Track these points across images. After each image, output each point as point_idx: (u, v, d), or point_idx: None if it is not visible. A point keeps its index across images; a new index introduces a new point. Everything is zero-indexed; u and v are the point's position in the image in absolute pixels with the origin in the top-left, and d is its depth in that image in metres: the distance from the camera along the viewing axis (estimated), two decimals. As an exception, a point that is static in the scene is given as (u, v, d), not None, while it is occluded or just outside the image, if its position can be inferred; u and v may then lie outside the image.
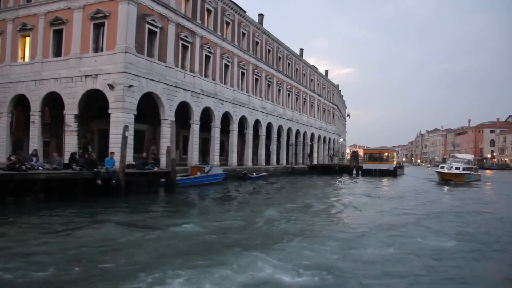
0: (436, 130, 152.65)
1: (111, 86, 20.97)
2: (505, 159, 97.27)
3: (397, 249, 7.91)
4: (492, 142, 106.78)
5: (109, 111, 21.16)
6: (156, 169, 17.66)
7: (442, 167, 33.56)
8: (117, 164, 19.41)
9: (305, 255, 7.31)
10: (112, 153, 15.62)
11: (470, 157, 39.22)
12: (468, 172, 32.40)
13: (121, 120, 20.78)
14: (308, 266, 6.58)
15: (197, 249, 7.75)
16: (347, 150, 79.40)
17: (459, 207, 15.33)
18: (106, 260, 6.76)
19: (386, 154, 44.87)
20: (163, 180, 18.10)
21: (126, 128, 15.71)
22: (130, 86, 21.14)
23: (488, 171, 72.27)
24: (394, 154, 48.48)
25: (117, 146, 20.24)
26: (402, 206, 15.55)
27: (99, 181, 14.24)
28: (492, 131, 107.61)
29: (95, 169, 14.34)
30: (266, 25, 39.09)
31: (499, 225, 11.28)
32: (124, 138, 15.34)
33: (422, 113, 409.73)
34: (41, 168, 14.15)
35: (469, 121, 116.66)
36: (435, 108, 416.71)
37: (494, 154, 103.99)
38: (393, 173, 42.29)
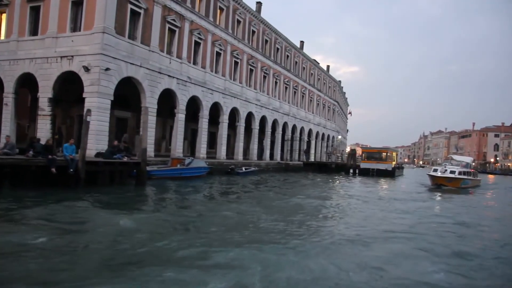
0: (439, 132, 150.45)
1: (86, 69, 19.57)
2: (509, 164, 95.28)
3: (371, 278, 6.22)
4: (496, 147, 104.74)
5: (84, 95, 19.76)
6: (125, 159, 16.26)
7: (435, 170, 30.11)
8: (92, 152, 18.46)
9: (254, 271, 5.89)
10: (72, 139, 14.19)
11: (468, 159, 34.53)
12: (465, 176, 28.65)
13: (96, 105, 19.43)
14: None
15: (112, 259, 6.33)
16: (348, 149, 77.71)
17: (450, 222, 12.52)
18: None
19: (385, 153, 43.21)
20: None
21: (88, 112, 14.31)
22: (107, 69, 19.70)
23: (490, 176, 70.50)
24: (394, 154, 46.80)
25: (90, 133, 19.02)
26: (386, 214, 13.83)
27: (53, 169, 12.87)
28: (496, 135, 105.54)
29: (50, 156, 12.94)
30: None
31: (502, 255, 8.44)
32: (86, 123, 13.94)
33: (426, 114, 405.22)
34: (-10, 153, 12.79)
35: (474, 124, 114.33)
36: (439, 109, 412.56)
37: (498, 158, 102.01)
38: (391, 174, 40.81)
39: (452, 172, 28.06)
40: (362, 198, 18.07)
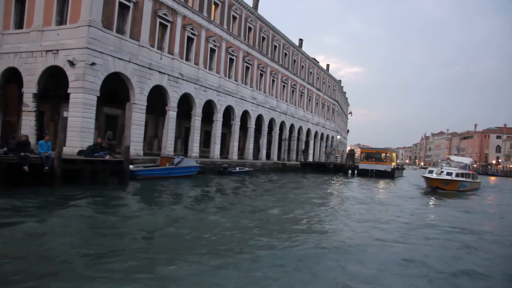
0: (441, 133, 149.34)
1: (71, 63, 18.82)
2: (511, 166, 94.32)
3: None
4: (498, 148, 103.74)
5: (69, 91, 19.02)
6: (108, 157, 15.49)
7: (431, 171, 28.04)
8: (76, 150, 17.73)
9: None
10: (47, 135, 13.44)
11: (467, 161, 31.56)
12: (463, 179, 26.47)
13: (81, 101, 18.72)
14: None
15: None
16: (348, 149, 76.89)
17: (446, 229, 11.30)
18: None
19: (384, 154, 42.39)
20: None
21: (65, 107, 13.51)
22: (93, 64, 18.94)
23: (491, 178, 69.60)
24: (394, 154, 45.96)
25: (75, 130, 18.45)
26: (377, 219, 12.88)
27: (25, 168, 12.11)
28: (498, 137, 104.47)
29: (22, 153, 12.19)
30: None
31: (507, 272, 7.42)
32: (63, 119, 13.18)
33: (428, 115, 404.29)
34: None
35: (476, 125, 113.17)
36: (441, 110, 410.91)
37: (500, 160, 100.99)
38: (390, 175, 40.05)
39: (448, 173, 26.01)
40: (356, 200, 17.26)
